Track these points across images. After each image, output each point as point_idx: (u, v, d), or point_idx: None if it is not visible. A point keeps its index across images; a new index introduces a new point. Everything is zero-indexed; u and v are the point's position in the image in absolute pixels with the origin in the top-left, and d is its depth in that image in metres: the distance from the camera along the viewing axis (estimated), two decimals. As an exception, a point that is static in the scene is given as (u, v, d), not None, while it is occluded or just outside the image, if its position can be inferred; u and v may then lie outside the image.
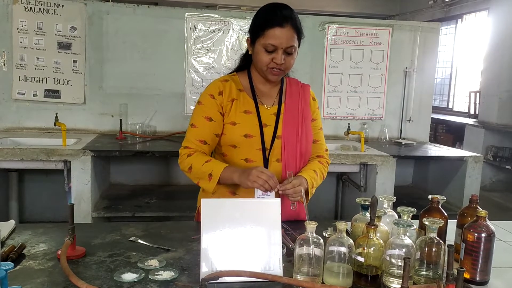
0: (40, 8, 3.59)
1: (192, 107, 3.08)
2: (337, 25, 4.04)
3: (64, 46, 3.66)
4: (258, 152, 1.63)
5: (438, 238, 1.22)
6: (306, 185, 1.60)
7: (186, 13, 3.80)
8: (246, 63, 1.72)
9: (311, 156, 1.77)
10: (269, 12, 1.57)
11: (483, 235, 1.23)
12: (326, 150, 1.84)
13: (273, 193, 1.53)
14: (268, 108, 1.67)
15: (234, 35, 3.87)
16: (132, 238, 1.51)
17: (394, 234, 1.28)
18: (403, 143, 4.01)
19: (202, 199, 1.27)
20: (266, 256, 1.25)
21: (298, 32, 1.59)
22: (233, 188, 1.66)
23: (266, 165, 1.63)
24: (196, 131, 1.63)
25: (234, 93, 1.64)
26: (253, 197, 1.55)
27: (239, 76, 1.70)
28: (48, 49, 3.64)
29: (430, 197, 1.44)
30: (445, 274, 1.11)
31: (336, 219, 4.05)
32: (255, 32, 1.58)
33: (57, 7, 3.61)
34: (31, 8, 3.57)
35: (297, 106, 1.69)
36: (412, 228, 1.25)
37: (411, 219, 1.33)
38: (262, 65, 1.59)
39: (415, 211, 1.35)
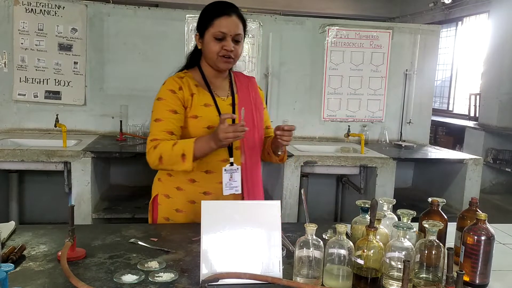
0: (41, 10, 3.59)
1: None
2: (337, 27, 4.05)
3: (65, 48, 3.67)
4: None
5: (438, 241, 1.22)
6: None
7: (187, 15, 3.81)
8: (194, 60, 1.79)
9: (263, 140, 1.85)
10: (215, 6, 1.70)
11: (483, 238, 1.23)
12: None
13: (239, 181, 1.70)
14: (224, 99, 1.75)
15: (235, 37, 3.88)
16: (132, 240, 1.51)
17: (394, 237, 1.28)
18: (403, 146, 4.02)
19: (202, 201, 1.27)
20: (266, 258, 1.25)
21: (243, 22, 1.71)
22: (192, 175, 1.70)
23: (230, 153, 1.72)
24: (162, 124, 1.65)
25: (192, 87, 1.71)
26: (217, 181, 1.70)
27: (191, 72, 1.76)
28: (49, 50, 3.64)
29: (430, 199, 1.44)
30: (444, 277, 1.11)
31: (335, 221, 4.05)
32: (204, 25, 1.68)
33: (58, 8, 3.62)
34: (32, 9, 3.58)
35: (249, 96, 1.79)
36: (412, 230, 1.25)
37: (411, 221, 1.34)
38: (212, 54, 1.66)
39: (415, 213, 1.36)
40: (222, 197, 1.70)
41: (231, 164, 1.70)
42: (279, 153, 1.77)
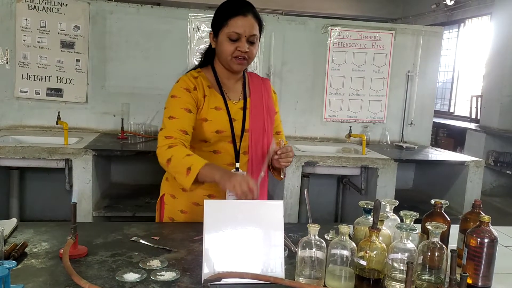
0: (43, 7, 3.59)
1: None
2: (340, 27, 4.05)
3: (67, 45, 3.67)
4: (227, 145, 1.69)
5: (440, 243, 1.21)
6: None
7: (189, 14, 3.81)
8: (209, 58, 1.75)
9: None
10: (231, 4, 1.64)
11: (486, 240, 1.23)
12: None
13: None
14: (235, 103, 1.71)
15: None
16: (133, 238, 1.51)
17: (396, 238, 1.28)
18: (404, 147, 4.01)
19: (205, 200, 1.27)
20: (268, 258, 1.25)
21: (259, 22, 1.66)
22: (209, 191, 1.66)
23: (237, 157, 1.69)
24: (177, 122, 1.60)
25: (205, 89, 1.67)
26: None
27: (204, 72, 1.72)
28: (51, 47, 3.64)
29: (433, 201, 1.44)
30: (447, 279, 1.11)
31: (336, 222, 4.04)
32: (218, 24, 1.63)
33: (61, 6, 3.62)
34: (34, 6, 3.58)
35: (262, 100, 1.75)
36: (415, 232, 1.25)
37: (413, 223, 1.33)
38: (226, 55, 1.62)
39: (418, 215, 1.36)
40: None
41: (237, 169, 1.67)
42: (282, 176, 1.74)
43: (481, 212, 1.37)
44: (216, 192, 1.68)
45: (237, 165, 1.68)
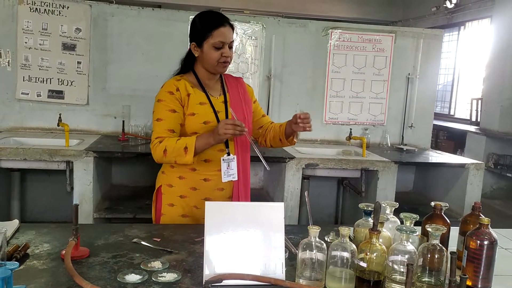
0: (45, 9, 3.61)
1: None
2: (340, 30, 4.06)
3: (68, 47, 3.68)
4: None
5: (440, 245, 1.22)
6: None
7: (190, 16, 3.81)
8: (188, 65, 1.96)
9: (264, 126, 2.08)
10: (210, 18, 1.87)
11: (486, 242, 1.24)
12: None
13: (235, 169, 1.87)
14: (217, 98, 1.93)
15: (238, 38, 3.89)
16: (135, 240, 1.52)
17: (396, 240, 1.28)
18: (404, 149, 4.02)
19: (206, 202, 1.28)
20: (268, 259, 1.25)
21: (233, 28, 1.90)
22: (193, 165, 1.83)
23: (226, 143, 1.88)
24: (164, 123, 1.81)
25: (188, 88, 1.87)
26: (216, 169, 1.86)
27: (186, 76, 1.92)
28: (53, 50, 3.65)
29: (433, 203, 1.44)
30: (447, 281, 1.11)
31: (336, 224, 4.05)
32: (202, 36, 1.84)
33: (62, 8, 3.63)
34: (36, 8, 3.59)
35: (239, 93, 1.99)
36: (415, 234, 1.26)
37: (413, 225, 1.34)
38: (213, 61, 1.84)
39: (418, 217, 1.36)
40: (221, 184, 1.88)
41: (228, 154, 1.88)
42: (295, 140, 1.98)
43: (481, 214, 1.38)
44: (210, 176, 1.88)
45: (228, 150, 1.88)
